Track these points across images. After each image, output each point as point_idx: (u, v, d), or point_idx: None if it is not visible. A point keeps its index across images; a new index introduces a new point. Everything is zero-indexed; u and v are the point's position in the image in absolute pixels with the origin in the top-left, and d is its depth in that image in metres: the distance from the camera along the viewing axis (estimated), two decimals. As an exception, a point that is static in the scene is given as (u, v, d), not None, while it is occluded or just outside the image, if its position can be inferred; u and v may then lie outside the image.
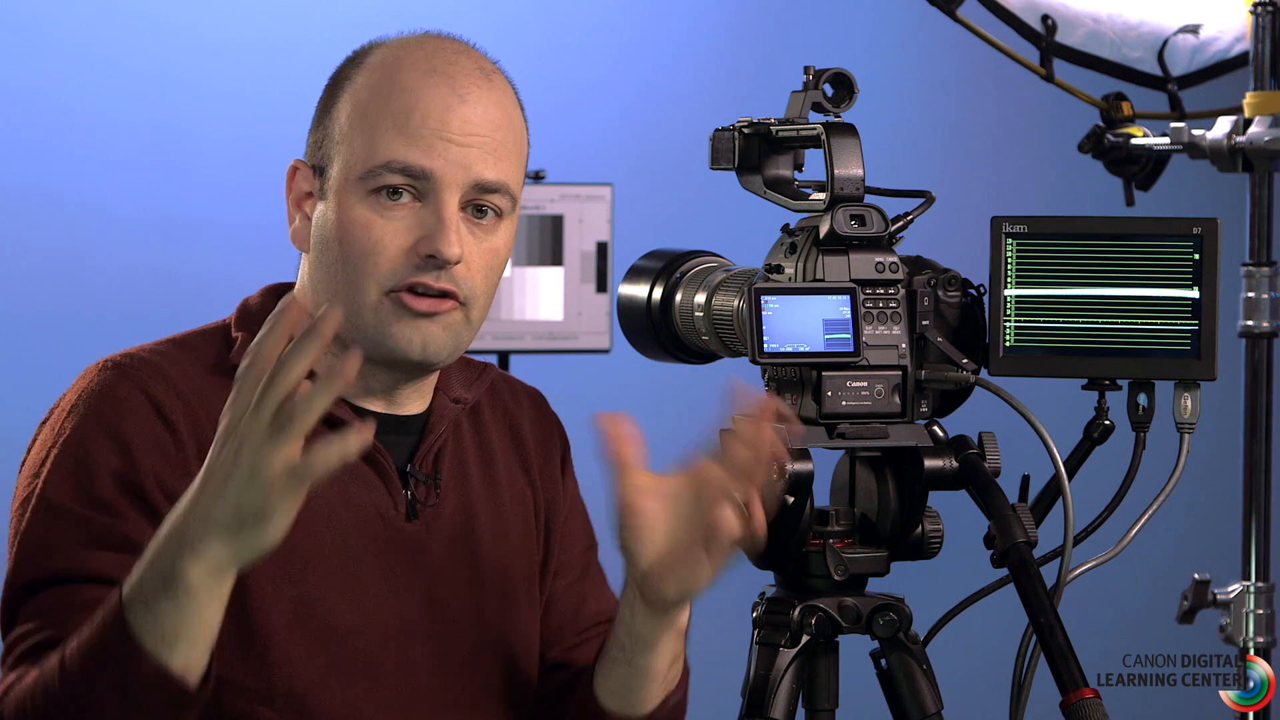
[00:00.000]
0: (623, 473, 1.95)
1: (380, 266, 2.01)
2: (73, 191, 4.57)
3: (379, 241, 2.01)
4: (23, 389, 4.26)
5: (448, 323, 2.03)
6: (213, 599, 1.75)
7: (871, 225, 2.10)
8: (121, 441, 1.95)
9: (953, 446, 2.10)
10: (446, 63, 2.04)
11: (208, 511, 1.72)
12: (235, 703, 1.96)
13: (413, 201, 2.02)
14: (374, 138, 2.02)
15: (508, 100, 2.07)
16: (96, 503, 1.93)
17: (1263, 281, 3.22)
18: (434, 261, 2.00)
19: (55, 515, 1.94)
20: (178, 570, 1.73)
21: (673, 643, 2.05)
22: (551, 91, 4.82)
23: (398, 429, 2.08)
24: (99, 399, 1.98)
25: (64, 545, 1.92)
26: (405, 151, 2.01)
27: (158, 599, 1.75)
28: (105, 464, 1.95)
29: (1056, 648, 1.98)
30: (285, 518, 1.72)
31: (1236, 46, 3.47)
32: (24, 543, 1.94)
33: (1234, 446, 3.26)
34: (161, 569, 1.74)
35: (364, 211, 2.02)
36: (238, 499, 1.71)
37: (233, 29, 4.70)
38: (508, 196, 2.05)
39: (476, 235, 2.04)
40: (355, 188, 2.02)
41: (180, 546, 1.73)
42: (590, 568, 2.24)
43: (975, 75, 5.14)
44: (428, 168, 2.00)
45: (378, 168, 2.01)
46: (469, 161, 2.01)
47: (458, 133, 2.01)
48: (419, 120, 2.01)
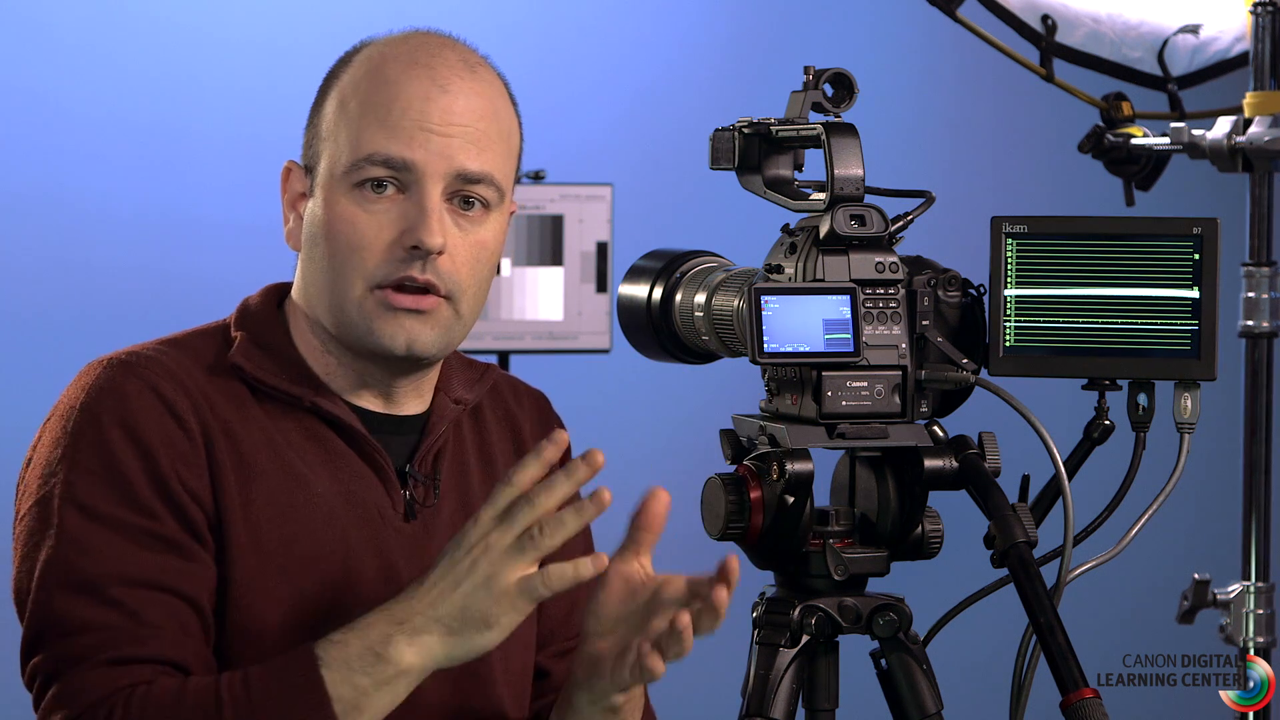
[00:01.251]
0: (630, 547, 1.97)
1: (366, 261, 2.01)
2: (73, 191, 4.57)
3: (364, 236, 2.01)
4: (23, 389, 4.27)
5: (435, 319, 2.02)
6: (409, 687, 1.89)
7: (871, 225, 2.10)
8: (140, 442, 1.95)
9: (953, 446, 2.10)
10: (429, 55, 2.04)
11: (436, 605, 1.87)
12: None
13: (396, 194, 2.02)
14: (357, 132, 2.02)
15: (493, 92, 2.06)
16: (137, 506, 1.94)
17: (1263, 281, 3.22)
18: (418, 253, 2.00)
19: (92, 518, 1.93)
20: (393, 652, 1.86)
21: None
22: (551, 91, 4.83)
23: (397, 429, 2.09)
24: (109, 395, 1.97)
25: (108, 548, 1.92)
26: (386, 143, 2.01)
27: (362, 672, 1.86)
28: (132, 465, 1.95)
29: (1056, 648, 1.98)
30: (506, 630, 1.87)
31: (1236, 46, 3.47)
32: (62, 542, 1.93)
33: (1234, 446, 3.26)
34: (373, 644, 1.86)
35: (349, 206, 2.02)
36: (466, 602, 1.86)
37: (232, 29, 4.70)
38: (493, 187, 2.04)
39: (462, 227, 2.03)
40: (340, 183, 2.02)
41: (399, 628, 1.86)
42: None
43: (975, 75, 5.14)
44: (409, 158, 2.00)
45: (360, 161, 2.01)
46: (450, 151, 2.01)
47: (438, 123, 2.01)
48: (400, 111, 2.01)
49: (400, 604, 1.88)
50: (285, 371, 2.04)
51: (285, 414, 2.04)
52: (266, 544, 1.98)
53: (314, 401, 2.04)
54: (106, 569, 1.92)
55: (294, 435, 2.03)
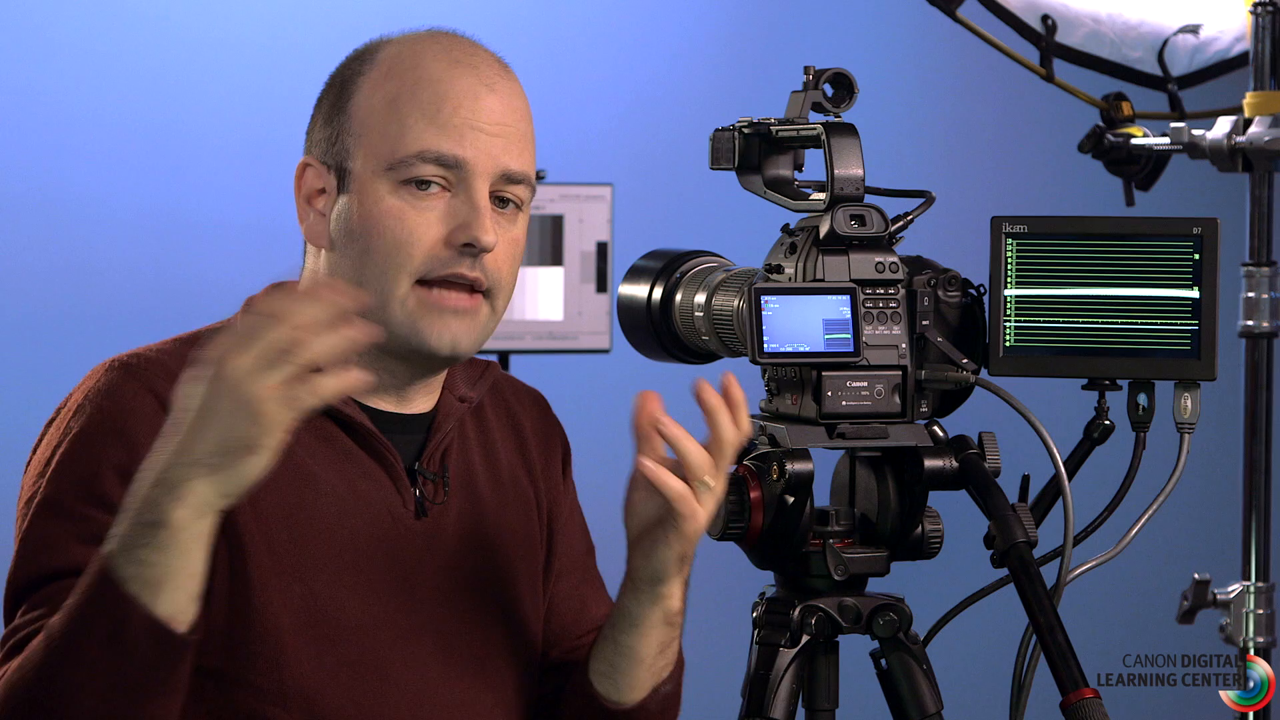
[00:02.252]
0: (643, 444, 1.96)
1: (414, 257, 2.01)
2: (73, 191, 4.57)
3: (413, 232, 2.01)
4: (23, 389, 4.27)
5: (475, 318, 2.04)
6: (197, 540, 1.77)
7: (871, 225, 2.10)
8: (126, 438, 1.96)
9: (953, 446, 2.10)
10: (468, 54, 2.06)
11: (189, 450, 1.74)
12: (244, 701, 1.96)
13: (442, 192, 2.02)
14: (402, 129, 2.02)
15: (522, 92, 2.09)
16: (99, 500, 1.94)
17: (1263, 281, 3.22)
18: (470, 250, 2.01)
19: (57, 513, 1.94)
20: (160, 513, 1.75)
21: (659, 629, 2.05)
22: (551, 91, 4.82)
23: (405, 427, 2.09)
24: (105, 398, 1.98)
25: (64, 542, 1.93)
26: (438, 141, 2.01)
27: (142, 545, 1.76)
28: (109, 460, 1.95)
29: (1056, 648, 1.98)
30: (271, 449, 1.74)
31: (1236, 46, 3.47)
32: (26, 540, 1.95)
33: (1234, 446, 3.26)
34: (144, 515, 1.76)
35: (395, 202, 2.02)
36: (221, 434, 1.73)
37: (233, 29, 4.70)
38: (528, 187, 2.07)
39: (502, 225, 2.05)
40: (384, 179, 2.02)
41: (162, 490, 1.75)
42: (590, 572, 2.25)
43: (975, 75, 5.14)
44: (461, 156, 2.01)
45: (409, 158, 2.01)
46: (497, 151, 2.03)
47: (487, 122, 2.03)
48: (450, 110, 2.02)
49: (154, 462, 1.76)
50: None
51: None
52: (278, 544, 1.98)
53: None
54: (51, 562, 1.92)
55: (303, 435, 2.03)
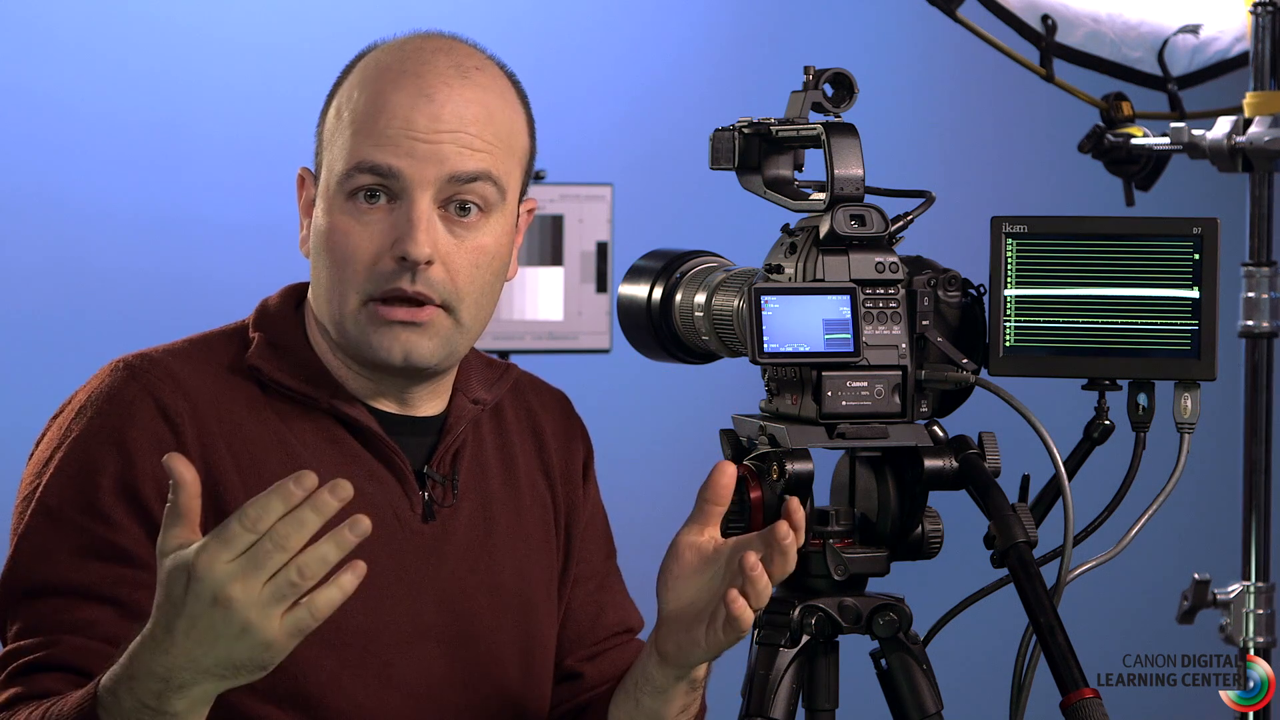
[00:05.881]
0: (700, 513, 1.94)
1: (358, 274, 2.00)
2: (73, 191, 4.57)
3: (356, 247, 2.00)
4: (23, 389, 4.27)
5: (432, 329, 2.01)
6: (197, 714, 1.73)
7: (871, 225, 2.10)
8: (124, 447, 1.95)
9: (953, 446, 2.10)
10: (420, 63, 2.03)
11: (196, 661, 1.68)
12: (244, 702, 1.96)
13: (388, 203, 2.01)
14: (348, 141, 2.02)
15: (489, 96, 2.05)
16: (95, 512, 1.93)
17: (1263, 281, 3.22)
18: (406, 264, 1.99)
19: (53, 521, 1.94)
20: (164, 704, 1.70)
21: (682, 695, 2.04)
22: (551, 91, 4.81)
23: (415, 430, 2.08)
24: (107, 401, 1.98)
25: (60, 553, 1.92)
26: (373, 151, 2.00)
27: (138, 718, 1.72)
28: (106, 469, 1.95)
29: (1056, 648, 1.98)
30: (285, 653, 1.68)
31: (1236, 46, 3.47)
32: (21, 544, 1.95)
33: (1234, 446, 3.26)
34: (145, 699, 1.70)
35: (342, 217, 2.01)
36: (229, 654, 1.67)
37: (233, 29, 4.70)
38: (490, 184, 2.03)
39: (457, 234, 2.02)
40: (336, 193, 2.02)
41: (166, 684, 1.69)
42: (609, 577, 2.24)
43: (975, 75, 5.14)
44: (395, 165, 2.00)
45: (350, 169, 2.01)
46: (441, 157, 2.00)
47: (424, 130, 2.00)
48: (385, 121, 2.00)
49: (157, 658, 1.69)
50: (302, 373, 2.04)
51: (301, 415, 2.04)
52: None
53: (330, 403, 2.04)
54: (47, 575, 1.92)
55: (309, 437, 2.03)
